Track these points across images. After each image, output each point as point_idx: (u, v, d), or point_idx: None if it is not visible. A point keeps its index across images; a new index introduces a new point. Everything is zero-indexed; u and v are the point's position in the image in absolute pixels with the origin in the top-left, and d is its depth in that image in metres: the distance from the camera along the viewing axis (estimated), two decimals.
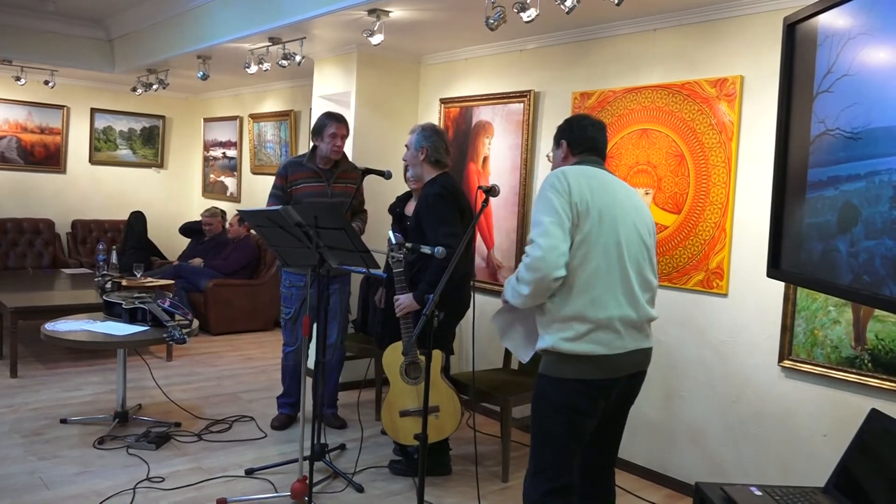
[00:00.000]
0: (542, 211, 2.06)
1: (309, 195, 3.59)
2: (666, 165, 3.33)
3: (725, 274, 3.11)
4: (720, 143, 3.12)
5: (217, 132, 7.68)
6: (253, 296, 6.13)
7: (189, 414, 3.96)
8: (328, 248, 2.75)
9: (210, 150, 7.84)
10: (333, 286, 3.65)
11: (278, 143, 6.64)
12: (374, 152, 4.54)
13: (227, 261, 6.19)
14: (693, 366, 3.25)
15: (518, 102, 4.05)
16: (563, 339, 2.03)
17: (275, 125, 6.67)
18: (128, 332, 3.50)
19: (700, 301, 3.22)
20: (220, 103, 7.65)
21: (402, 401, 3.18)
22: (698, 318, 3.23)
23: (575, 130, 2.34)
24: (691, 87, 3.22)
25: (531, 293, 2.03)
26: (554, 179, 2.11)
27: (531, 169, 4.00)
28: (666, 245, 3.32)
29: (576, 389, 2.05)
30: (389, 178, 3.48)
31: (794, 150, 1.96)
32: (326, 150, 3.60)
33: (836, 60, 1.72)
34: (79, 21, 6.01)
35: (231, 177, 7.46)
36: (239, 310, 6.07)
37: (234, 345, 5.74)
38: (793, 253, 1.98)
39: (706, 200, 3.17)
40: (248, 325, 6.14)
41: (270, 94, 6.76)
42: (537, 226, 2.05)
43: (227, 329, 6.03)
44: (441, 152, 3.23)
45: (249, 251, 6.26)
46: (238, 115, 7.26)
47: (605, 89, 3.60)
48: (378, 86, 4.61)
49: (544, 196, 2.08)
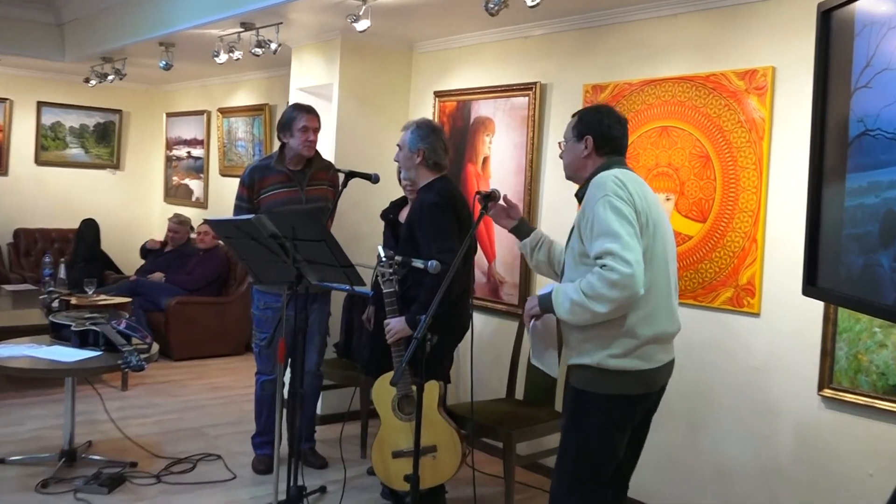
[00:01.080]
0: (612, 220, 2.16)
1: (280, 203, 3.58)
2: (689, 168, 3.36)
3: (757, 291, 3.13)
4: (750, 142, 3.15)
5: (181, 129, 7.70)
6: (221, 315, 6.14)
7: (147, 452, 3.96)
8: (307, 262, 2.77)
9: (173, 149, 7.86)
10: (313, 306, 3.65)
11: (251, 142, 6.67)
12: (360, 152, 4.57)
13: (192, 275, 6.20)
14: (721, 395, 3.26)
15: (522, 96, 4.09)
16: (611, 356, 2.24)
17: (247, 121, 6.70)
18: (77, 359, 3.50)
19: (729, 321, 3.24)
20: (185, 96, 7.68)
21: (395, 439, 3.16)
22: (727, 340, 3.24)
23: (604, 127, 2.41)
24: (717, 80, 3.26)
25: (609, 312, 2.17)
26: (614, 185, 2.22)
27: (538, 171, 4.03)
28: (690, 258, 3.34)
29: (617, 404, 2.28)
30: (377, 182, 3.49)
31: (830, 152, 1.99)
32: (298, 146, 3.60)
33: (876, 52, 1.74)
34: (23, 2, 6.04)
35: (197, 179, 7.48)
36: (205, 331, 6.07)
37: (199, 372, 5.74)
38: (831, 268, 2.00)
39: (735, 207, 3.20)
40: (216, 348, 6.15)
41: (242, 85, 6.80)
42: (612, 237, 2.14)
43: (191, 354, 6.03)
44: (440, 154, 3.23)
45: (217, 264, 6.28)
46: (205, 109, 7.29)
47: (620, 81, 3.64)
48: (364, 77, 4.64)
49: (610, 203, 2.18)
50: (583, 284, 2.19)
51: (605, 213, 2.18)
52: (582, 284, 2.19)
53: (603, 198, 2.21)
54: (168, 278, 6.24)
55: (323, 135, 3.94)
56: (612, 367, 2.24)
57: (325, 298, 3.82)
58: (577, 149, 2.43)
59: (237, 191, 3.69)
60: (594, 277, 2.16)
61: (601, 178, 2.29)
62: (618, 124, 2.43)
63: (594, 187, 2.27)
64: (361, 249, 4.18)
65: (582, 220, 2.29)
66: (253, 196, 3.63)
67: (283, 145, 3.67)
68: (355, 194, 4.28)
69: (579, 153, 2.43)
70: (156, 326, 5.88)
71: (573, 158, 2.45)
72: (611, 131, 2.41)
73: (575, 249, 2.33)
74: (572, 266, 2.34)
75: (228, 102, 6.97)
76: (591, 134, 2.40)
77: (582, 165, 2.44)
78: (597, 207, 2.21)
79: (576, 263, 2.32)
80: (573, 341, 2.32)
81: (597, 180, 2.30)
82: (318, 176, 3.70)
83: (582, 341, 2.28)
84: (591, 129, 2.41)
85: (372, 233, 4.25)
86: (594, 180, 2.32)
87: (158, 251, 6.59)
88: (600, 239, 2.17)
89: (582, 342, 2.29)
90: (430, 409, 3.09)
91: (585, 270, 2.25)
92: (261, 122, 6.50)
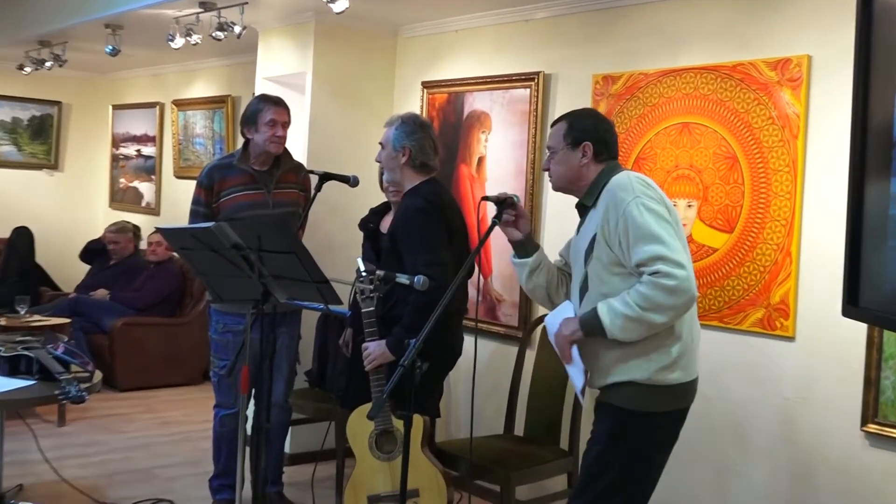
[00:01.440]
0: (651, 222, 2.28)
1: (242, 208, 3.59)
2: (714, 170, 3.39)
3: (791, 311, 3.15)
4: (783, 141, 3.18)
5: (130, 123, 7.70)
6: (175, 339, 6.12)
7: (87, 498, 3.93)
8: (275, 277, 2.77)
9: (120, 147, 7.85)
10: (281, 328, 3.65)
11: (210, 139, 6.67)
12: (336, 152, 4.58)
13: (141, 292, 6.18)
14: (751, 430, 3.27)
15: (523, 87, 4.12)
16: (662, 369, 2.37)
17: (206, 115, 6.70)
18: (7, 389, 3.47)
19: (759, 346, 3.25)
20: (135, 86, 7.67)
21: (372, 482, 3.16)
22: (757, 368, 3.26)
23: (601, 132, 2.53)
24: (745, 70, 3.29)
25: (669, 321, 2.29)
26: (641, 187, 2.35)
27: (541, 172, 4.05)
28: (715, 273, 3.36)
29: (661, 424, 2.41)
30: (355, 185, 3.50)
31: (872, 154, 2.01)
32: (264, 142, 3.61)
33: None
34: None
35: (148, 181, 7.47)
36: (156, 357, 6.05)
37: (148, 404, 5.70)
38: (875, 286, 2.01)
39: (766, 215, 3.23)
40: (169, 377, 6.12)
41: (201, 74, 6.81)
42: (656, 240, 2.26)
43: (139, 383, 6.00)
44: (428, 153, 3.23)
45: (170, 279, 6.26)
46: (158, 101, 7.29)
47: (635, 71, 3.67)
48: (342, 65, 4.66)
49: (644, 205, 2.30)
50: (634, 297, 2.27)
51: (641, 216, 2.29)
52: (633, 297, 2.27)
53: (634, 200, 2.32)
54: (113, 295, 6.21)
55: (293, 131, 3.95)
56: (663, 383, 2.37)
57: (295, 319, 3.81)
58: (572, 158, 2.51)
59: (194, 194, 3.69)
60: (647, 287, 2.25)
61: (621, 182, 2.38)
62: (612, 128, 2.60)
63: (618, 191, 2.37)
64: (338, 262, 4.19)
65: (607, 227, 2.37)
66: (212, 199, 3.62)
67: (246, 142, 3.68)
68: (331, 199, 4.28)
69: (576, 162, 2.51)
70: (99, 351, 5.85)
71: (568, 168, 2.52)
72: (607, 136, 2.54)
73: (603, 259, 2.39)
74: (603, 277, 2.40)
75: (185, 94, 6.97)
76: (589, 140, 2.49)
77: (579, 175, 2.53)
78: (629, 211, 2.31)
79: (608, 274, 2.39)
80: (611, 358, 2.40)
81: (617, 184, 2.39)
82: (286, 178, 3.70)
83: (626, 357, 2.38)
84: (588, 135, 2.50)
85: (349, 243, 4.26)
86: (612, 184, 2.41)
87: (103, 257, 6.56)
88: (642, 244, 2.27)
89: (626, 357, 2.38)
90: (413, 447, 3.08)
91: (622, 280, 2.34)
92: (222, 116, 6.50)
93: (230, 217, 3.54)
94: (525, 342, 3.88)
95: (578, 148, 2.49)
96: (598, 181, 2.48)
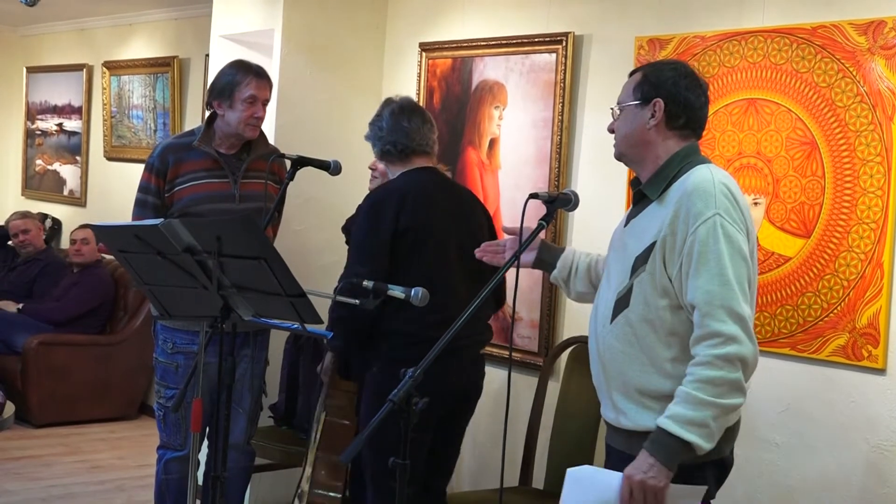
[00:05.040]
0: (726, 258, 2.28)
1: (203, 199, 3.59)
2: (786, 159, 3.39)
3: (882, 337, 3.15)
4: (873, 123, 3.18)
5: (50, 90, 7.67)
6: (105, 362, 6.10)
7: None
8: (238, 288, 2.77)
9: (37, 121, 7.83)
10: (243, 351, 3.65)
11: (151, 111, 6.66)
12: (312, 130, 4.58)
13: (62, 302, 6.16)
14: (829, 483, 3.27)
15: (548, 52, 4.12)
16: None
17: (146, 81, 6.69)
18: None
19: (842, 379, 3.25)
20: (56, 44, 7.65)
21: None
22: (838, 406, 3.26)
23: (681, 89, 2.47)
24: (827, 34, 3.29)
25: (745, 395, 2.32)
26: (725, 200, 2.31)
27: (569, 159, 4.05)
28: (787, 289, 3.36)
29: (712, 474, 2.41)
30: (336, 172, 3.51)
31: None
32: (238, 123, 3.62)
33: None
34: None
35: (72, 164, 7.45)
36: (81, 385, 6.03)
37: (71, 444, 5.68)
38: None
39: (851, 217, 3.23)
40: (96, 410, 6.11)
41: (140, 30, 6.79)
42: (725, 286, 2.26)
43: (60, 418, 5.98)
44: (398, 134, 3.30)
45: (99, 287, 6.24)
46: (85, 62, 7.26)
47: (688, 34, 3.67)
48: (319, 23, 4.66)
49: (724, 231, 2.28)
50: (698, 390, 2.24)
51: (716, 245, 2.28)
52: (697, 390, 2.24)
53: (713, 218, 2.29)
54: (26, 307, 6.20)
55: None
56: None
57: (262, 340, 3.81)
58: (639, 116, 2.47)
59: (141, 179, 3.68)
60: (708, 370, 2.24)
61: (703, 183, 2.33)
62: (698, 88, 2.50)
63: (696, 198, 2.32)
64: (313, 269, 4.20)
65: (672, 241, 2.34)
66: (164, 187, 3.62)
67: (212, 118, 3.68)
68: (306, 190, 4.29)
69: (642, 123, 2.47)
70: (9, 377, 5.84)
71: (633, 129, 2.48)
72: (689, 96, 2.46)
73: (656, 277, 2.36)
74: (649, 300, 2.38)
75: (119, 54, 6.95)
76: (663, 97, 2.44)
77: (645, 141, 2.48)
78: (703, 231, 2.28)
79: (656, 296, 2.37)
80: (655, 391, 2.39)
81: (698, 185, 2.34)
82: (258, 165, 3.71)
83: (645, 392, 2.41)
84: (663, 89, 2.45)
85: (329, 244, 4.26)
86: (691, 182, 2.36)
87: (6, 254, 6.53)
88: (709, 283, 2.26)
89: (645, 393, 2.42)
90: None
91: (672, 314, 2.36)
92: (166, 82, 6.49)
93: (186, 210, 3.55)
94: (547, 371, 3.89)
95: (649, 105, 2.45)
96: (671, 165, 2.43)
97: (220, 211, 3.56)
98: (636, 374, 2.40)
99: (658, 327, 2.37)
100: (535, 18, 4.21)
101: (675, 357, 2.35)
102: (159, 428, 3.81)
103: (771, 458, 3.34)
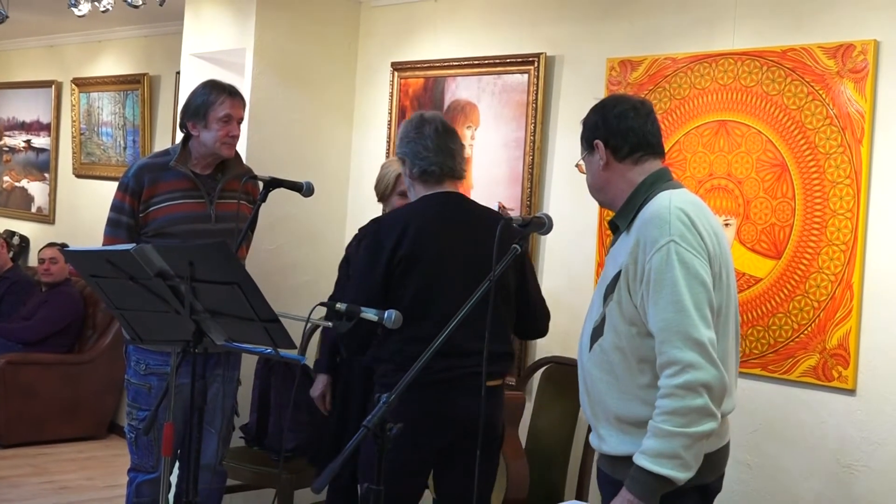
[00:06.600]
0: (681, 284, 2.27)
1: (179, 220, 3.59)
2: (757, 180, 3.43)
3: (852, 357, 3.18)
4: (843, 146, 3.22)
5: (18, 107, 7.63)
6: (74, 382, 6.06)
7: None
8: (211, 313, 2.77)
9: (5, 137, 7.77)
10: (215, 371, 3.64)
11: (121, 128, 6.63)
12: (283, 151, 4.58)
13: (31, 321, 6.13)
14: None
15: (520, 72, 4.14)
16: None
17: (116, 98, 6.66)
18: None
19: (812, 400, 3.28)
20: (25, 60, 7.60)
21: None
22: (809, 427, 3.28)
23: (611, 119, 2.51)
24: (797, 57, 3.33)
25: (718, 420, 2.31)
26: (679, 224, 2.32)
27: (541, 179, 4.08)
28: (758, 309, 3.40)
29: (693, 502, 2.41)
30: (309, 194, 3.51)
31: None
32: (214, 143, 3.62)
33: None
34: None
35: (40, 181, 7.40)
36: (49, 405, 5.99)
37: (38, 464, 5.64)
38: None
39: (821, 238, 3.26)
40: (64, 430, 6.07)
41: (110, 47, 6.76)
42: (683, 313, 2.25)
43: (27, 437, 5.94)
44: (444, 156, 3.12)
45: (68, 306, 6.21)
46: (54, 79, 7.23)
47: (659, 56, 3.70)
48: (291, 42, 4.66)
49: (678, 256, 2.29)
50: (664, 422, 2.26)
51: (671, 272, 2.29)
52: (663, 423, 2.27)
53: (667, 245, 2.30)
54: None
55: None
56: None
57: (234, 360, 3.80)
58: (593, 163, 2.55)
59: (114, 198, 3.67)
60: (671, 401, 2.26)
61: (658, 210, 2.36)
62: (631, 110, 2.52)
63: (651, 224, 2.35)
64: (284, 292, 4.19)
65: (633, 270, 2.36)
66: (138, 207, 3.61)
67: (186, 138, 3.68)
68: (277, 209, 4.28)
69: (597, 168, 2.54)
70: None
71: (593, 176, 2.57)
72: (622, 124, 2.49)
73: (623, 306, 2.39)
74: (619, 328, 2.41)
75: (88, 71, 6.92)
76: (600, 137, 2.51)
77: (605, 181, 2.54)
78: (657, 259, 2.31)
79: (624, 324, 2.40)
80: (632, 418, 2.42)
81: (653, 212, 2.37)
82: (232, 186, 3.71)
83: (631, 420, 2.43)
84: (598, 130, 2.51)
85: (301, 264, 4.26)
86: (648, 212, 2.39)
87: None
88: (665, 310, 2.28)
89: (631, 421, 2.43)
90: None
91: (641, 339, 2.36)
92: (136, 99, 6.47)
93: (162, 231, 3.55)
94: (520, 390, 3.90)
95: (593, 149, 2.52)
96: (637, 194, 2.46)
97: (197, 231, 3.56)
98: (614, 402, 2.43)
99: (629, 354, 2.40)
100: (508, 39, 4.23)
101: (650, 384, 2.36)
102: (130, 450, 3.78)
103: (743, 478, 3.36)
